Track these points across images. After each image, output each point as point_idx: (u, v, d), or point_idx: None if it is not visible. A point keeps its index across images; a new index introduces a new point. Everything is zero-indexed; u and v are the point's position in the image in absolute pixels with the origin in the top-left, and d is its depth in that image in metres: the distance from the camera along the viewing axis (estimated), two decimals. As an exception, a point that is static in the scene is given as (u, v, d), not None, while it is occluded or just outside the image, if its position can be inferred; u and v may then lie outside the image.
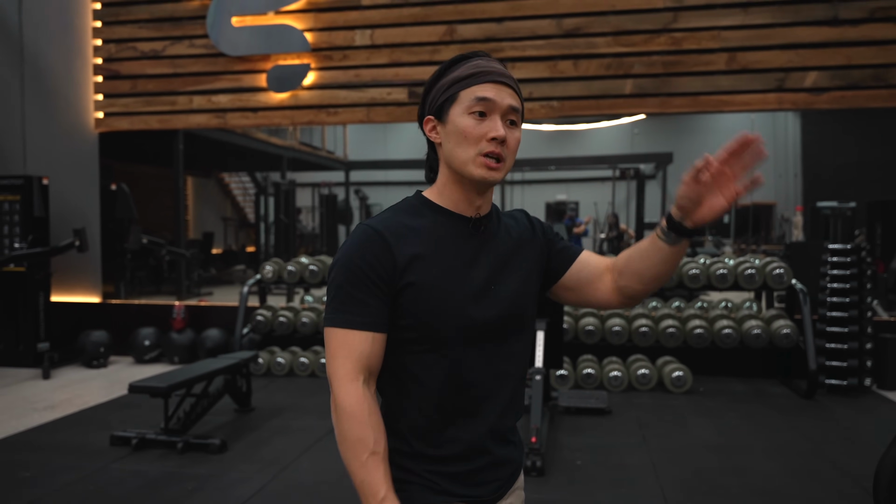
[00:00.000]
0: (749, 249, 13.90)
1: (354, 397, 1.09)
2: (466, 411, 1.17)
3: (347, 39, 6.23)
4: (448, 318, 1.13)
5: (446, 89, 1.16)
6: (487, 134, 1.12)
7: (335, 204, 14.46)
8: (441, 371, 1.14)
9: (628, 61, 5.81)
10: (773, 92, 5.65)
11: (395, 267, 1.12)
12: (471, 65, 1.16)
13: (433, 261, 1.14)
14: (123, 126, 6.74)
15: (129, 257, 7.68)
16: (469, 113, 1.13)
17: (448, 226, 1.18)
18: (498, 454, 1.20)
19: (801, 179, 15.33)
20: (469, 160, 1.13)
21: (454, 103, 1.15)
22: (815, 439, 4.09)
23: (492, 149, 1.12)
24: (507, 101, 1.14)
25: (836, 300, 5.21)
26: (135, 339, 6.37)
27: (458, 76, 1.15)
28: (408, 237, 1.14)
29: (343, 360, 1.11)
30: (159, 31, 6.57)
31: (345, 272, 1.12)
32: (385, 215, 1.18)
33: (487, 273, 1.18)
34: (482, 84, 1.13)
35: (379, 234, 1.13)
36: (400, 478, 1.16)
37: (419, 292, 1.12)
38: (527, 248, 1.26)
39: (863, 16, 5.43)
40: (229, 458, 3.79)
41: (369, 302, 1.11)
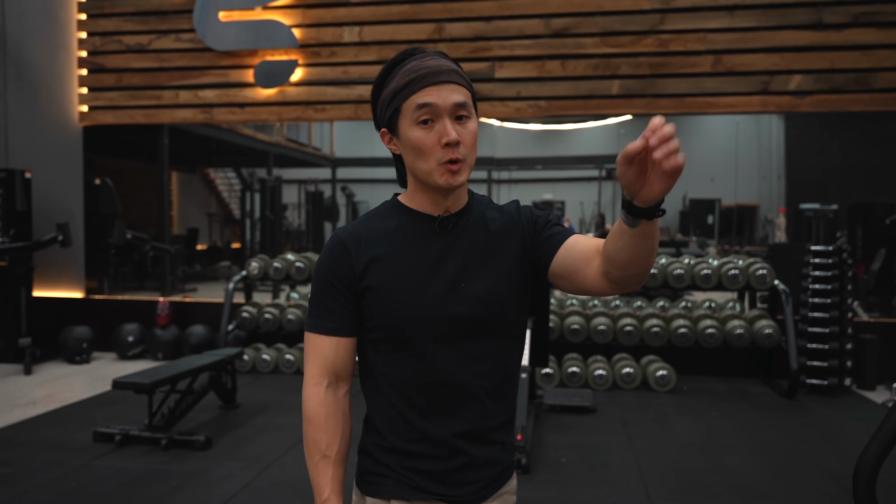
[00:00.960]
0: (733, 250, 14.03)
1: (314, 401, 1.18)
2: (440, 410, 1.16)
3: (335, 36, 6.21)
4: (408, 318, 1.13)
5: (389, 102, 1.14)
6: (440, 140, 1.09)
7: (321, 201, 14.41)
8: (410, 369, 1.15)
9: (615, 62, 5.85)
10: (758, 94, 5.71)
11: (354, 272, 1.15)
12: (405, 70, 1.12)
13: (393, 262, 1.15)
14: (108, 120, 6.67)
15: (112, 253, 7.60)
16: (416, 124, 1.10)
17: (413, 226, 1.18)
18: (476, 455, 1.18)
19: (784, 181, 15.50)
20: (431, 171, 1.12)
21: (400, 116, 1.12)
22: (795, 438, 4.15)
23: (449, 155, 1.10)
24: (451, 100, 1.09)
25: (818, 301, 5.28)
26: (118, 335, 6.32)
27: (396, 87, 1.12)
28: (370, 241, 1.16)
29: (311, 363, 1.19)
30: (145, 24, 6.51)
31: (315, 279, 1.19)
32: (358, 221, 1.22)
33: (456, 271, 1.15)
34: (420, 91, 1.10)
35: (342, 241, 1.17)
36: (377, 471, 1.20)
37: (377, 294, 1.14)
38: (509, 242, 1.20)
39: (846, 20, 5.50)
40: (214, 454, 3.77)
41: (333, 308, 1.16)
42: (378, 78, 1.17)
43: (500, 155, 13.44)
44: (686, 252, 10.08)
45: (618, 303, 6.14)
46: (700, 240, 14.52)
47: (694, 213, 15.72)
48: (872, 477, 1.05)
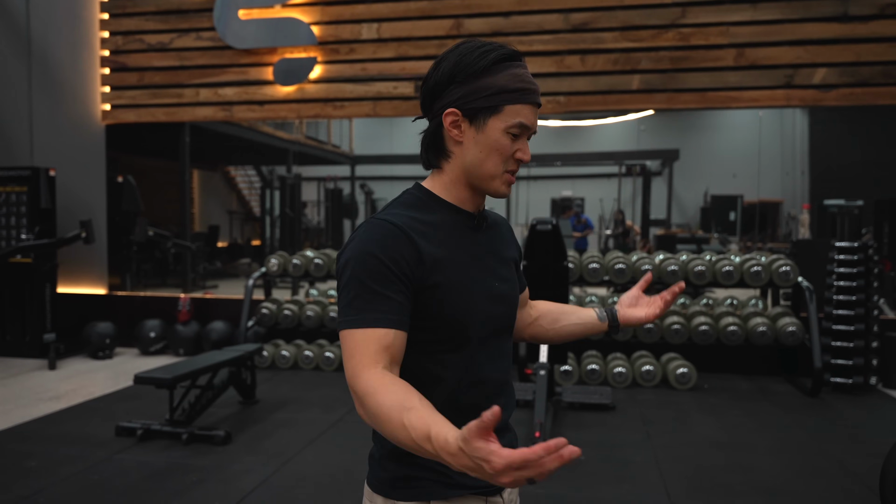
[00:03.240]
0: (755, 247, 13.84)
1: (373, 377, 1.00)
2: (479, 407, 1.12)
3: (354, 33, 6.22)
4: (473, 318, 1.13)
5: (489, 96, 1.10)
6: (516, 154, 1.14)
7: (340, 198, 14.47)
8: (459, 370, 1.13)
9: (636, 56, 5.79)
10: (782, 88, 5.62)
11: (422, 264, 1.07)
12: (515, 74, 1.11)
13: (453, 259, 1.13)
14: (130, 118, 6.75)
15: (135, 249, 7.70)
16: (506, 132, 1.12)
17: (457, 222, 1.17)
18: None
19: (808, 177, 15.25)
20: (496, 175, 1.14)
21: (495, 114, 1.11)
22: (819, 437, 4.08)
23: (515, 167, 1.16)
24: (536, 127, 1.16)
25: (843, 298, 5.19)
26: (140, 331, 6.39)
27: (505, 87, 1.10)
28: (426, 234, 1.11)
29: (359, 355, 1.02)
30: (166, 23, 6.57)
31: (365, 267, 1.05)
32: (395, 210, 1.13)
33: (491, 270, 1.20)
34: (526, 105, 1.12)
35: (400, 228, 1.08)
36: (412, 475, 1.15)
37: (447, 292, 1.09)
38: (512, 249, 1.30)
39: (873, 12, 5.39)
40: (233, 449, 3.80)
41: (394, 298, 1.04)
42: (475, 60, 1.11)
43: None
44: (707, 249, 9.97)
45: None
46: (722, 236, 14.35)
47: (716, 209, 15.55)
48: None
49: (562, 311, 1.42)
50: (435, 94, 1.15)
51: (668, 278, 5.43)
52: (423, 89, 1.18)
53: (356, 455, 3.71)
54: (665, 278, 5.45)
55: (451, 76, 1.13)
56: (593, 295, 6.06)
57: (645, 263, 5.45)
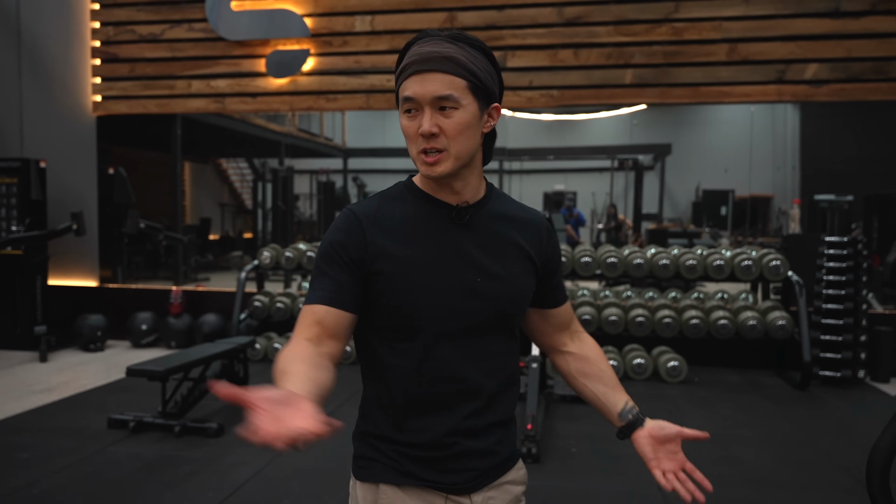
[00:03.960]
0: (746, 241, 13.92)
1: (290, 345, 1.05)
2: (437, 404, 1.14)
3: (347, 25, 6.20)
4: (420, 309, 1.10)
5: (396, 87, 1.14)
6: (419, 130, 1.09)
7: (333, 191, 14.43)
8: (414, 361, 1.12)
9: (629, 51, 5.80)
10: (774, 84, 5.65)
11: (366, 251, 1.11)
12: (406, 55, 1.11)
13: (407, 249, 1.11)
14: (122, 110, 6.71)
15: (126, 242, 7.66)
16: (403, 112, 1.11)
17: (429, 213, 1.15)
18: (470, 445, 1.16)
19: (798, 172, 15.34)
20: (416, 157, 1.12)
21: (398, 102, 1.13)
22: (808, 430, 4.13)
23: (426, 145, 1.09)
24: (431, 91, 1.06)
25: (832, 292, 5.24)
26: (132, 324, 6.37)
27: (398, 72, 1.13)
28: (385, 224, 1.13)
29: (297, 327, 1.10)
30: (158, 14, 6.53)
31: (322, 252, 1.13)
32: (370, 200, 1.17)
33: (470, 265, 1.14)
34: (408, 79, 1.09)
35: (356, 217, 1.13)
36: (369, 455, 1.18)
37: (389, 280, 1.10)
38: (528, 247, 1.20)
39: (864, 8, 5.42)
40: (226, 441, 3.80)
41: (339, 279, 1.10)
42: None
43: (511, 145, 13.41)
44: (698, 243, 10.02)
45: (629, 293, 6.12)
46: (713, 231, 14.42)
47: (707, 204, 15.61)
48: (886, 467, 1.04)
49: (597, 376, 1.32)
50: None
51: (659, 272, 5.47)
52: None
53: (349, 447, 3.71)
54: (657, 272, 5.48)
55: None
56: (585, 289, 6.08)
57: (637, 257, 5.48)
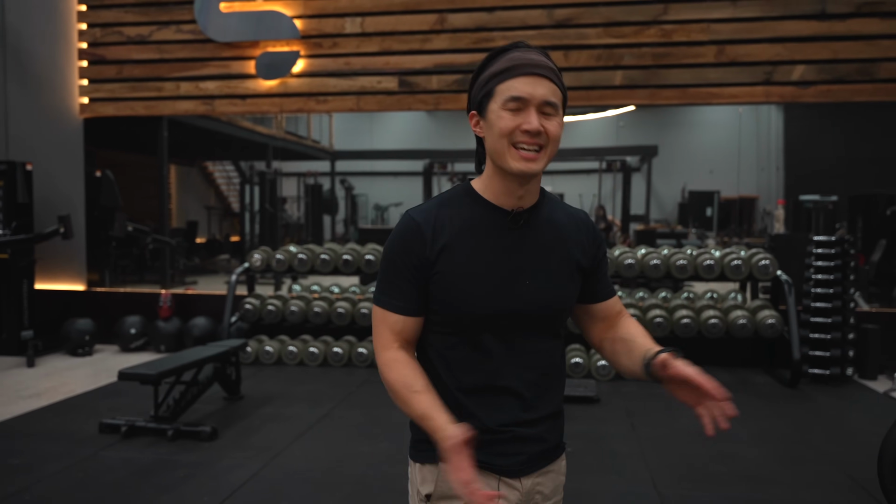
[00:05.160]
0: (732, 242, 14.04)
1: (388, 356, 1.23)
2: (487, 399, 1.22)
3: (337, 27, 6.19)
4: (468, 308, 1.19)
5: (484, 84, 1.19)
6: (521, 126, 1.15)
7: (320, 194, 14.39)
8: (462, 353, 1.22)
9: (618, 52, 5.84)
10: (761, 85, 5.71)
11: (427, 256, 1.20)
12: (507, 58, 1.18)
13: (462, 252, 1.20)
14: (109, 112, 6.65)
15: (113, 245, 7.60)
16: (504, 109, 1.16)
17: (485, 218, 1.22)
18: (520, 432, 1.24)
19: (783, 173, 15.50)
20: (504, 151, 1.17)
21: (491, 99, 1.18)
22: (799, 427, 4.17)
23: (525, 140, 1.15)
24: (541, 94, 1.15)
25: (821, 291, 5.29)
26: (120, 328, 6.31)
27: (495, 71, 1.18)
28: (444, 227, 1.20)
29: (380, 334, 1.26)
30: (146, 15, 6.48)
31: (386, 258, 1.24)
32: (429, 204, 1.25)
33: (523, 266, 1.22)
34: (516, 78, 1.15)
35: (417, 224, 1.21)
36: (425, 438, 1.22)
37: (444, 280, 1.19)
38: (573, 249, 1.27)
39: (850, 10, 5.50)
40: (220, 445, 3.78)
41: (403, 287, 1.22)
42: (481, 63, 1.23)
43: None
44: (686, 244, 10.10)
45: (621, 294, 6.15)
46: (699, 231, 14.53)
47: (693, 205, 15.74)
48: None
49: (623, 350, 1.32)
50: (468, 106, 1.27)
51: (650, 272, 5.50)
52: None
53: (345, 449, 3.71)
54: (648, 272, 5.51)
55: (470, 85, 1.26)
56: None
57: (628, 258, 5.51)
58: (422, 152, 15.22)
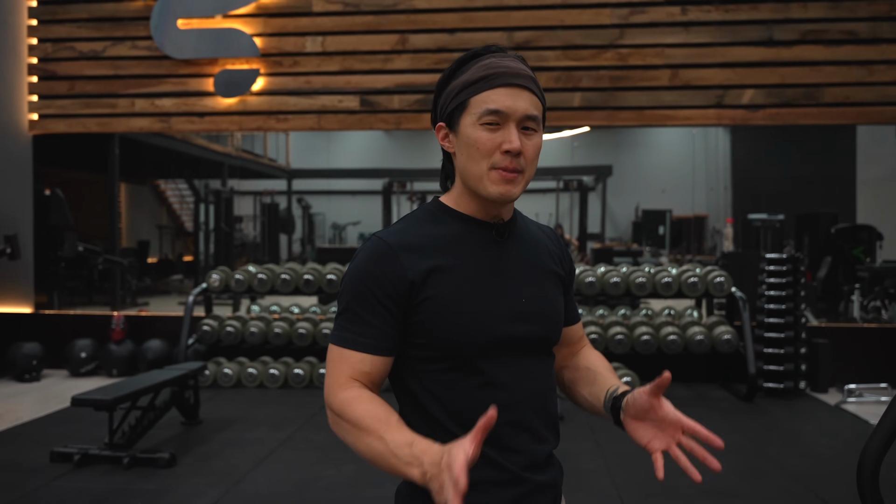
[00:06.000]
0: (684, 260, 14.40)
1: (351, 393, 1.02)
2: (500, 437, 1.05)
3: (298, 46, 6.17)
4: (473, 335, 1.04)
5: (455, 95, 1.06)
6: (501, 146, 1.02)
7: (277, 213, 14.22)
8: (466, 391, 1.05)
9: (577, 75, 5.96)
10: (713, 108, 5.90)
11: (407, 282, 1.03)
12: (481, 65, 1.05)
13: (454, 272, 1.05)
14: (60, 129, 6.46)
15: (63, 266, 7.34)
16: (480, 124, 1.03)
17: (469, 233, 1.09)
18: (537, 481, 1.09)
19: (731, 192, 16.01)
20: (482, 175, 1.04)
21: (464, 112, 1.05)
22: (756, 440, 4.27)
23: (506, 163, 1.03)
24: (522, 108, 1.03)
25: (773, 307, 5.46)
26: (70, 351, 6.08)
27: (469, 79, 1.04)
28: (424, 248, 1.06)
29: (338, 374, 1.05)
30: (99, 31, 6.34)
31: (352, 289, 1.06)
32: (400, 225, 1.11)
33: (515, 284, 1.10)
34: (494, 89, 1.02)
35: (389, 247, 1.05)
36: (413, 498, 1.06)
37: (438, 306, 1.04)
38: (554, 265, 1.18)
39: (795, 37, 5.74)
40: (179, 472, 3.66)
41: (374, 323, 1.04)
42: (449, 69, 1.09)
43: (458, 166, 13.51)
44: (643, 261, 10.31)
45: (582, 311, 6.23)
46: (652, 250, 14.85)
47: (646, 223, 16.09)
48: (876, 468, 1.09)
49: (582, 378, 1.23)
50: (432, 117, 1.14)
51: (610, 289, 5.59)
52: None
53: (308, 473, 3.64)
54: (608, 290, 5.59)
55: (436, 92, 1.12)
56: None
57: (589, 275, 5.59)
58: (381, 171, 15.21)
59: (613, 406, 1.11)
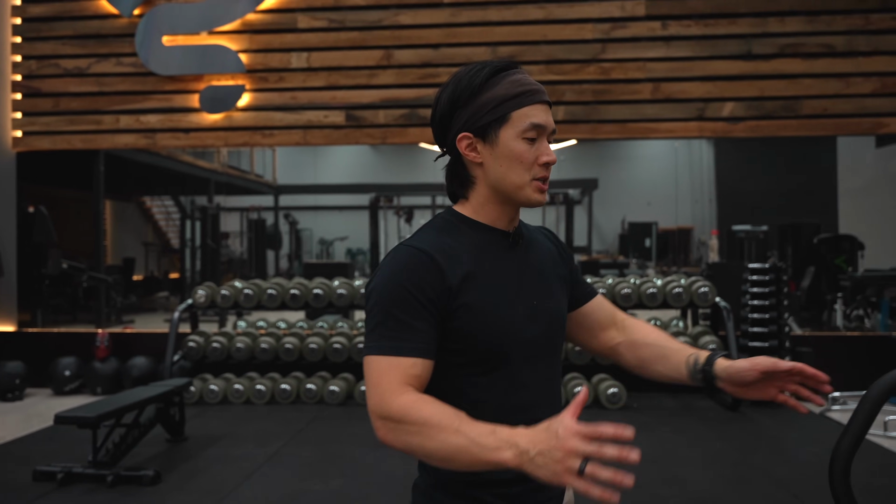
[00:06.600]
0: (671, 271, 14.49)
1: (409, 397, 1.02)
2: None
3: (283, 62, 6.20)
4: (508, 337, 1.10)
5: (494, 107, 1.11)
6: (540, 158, 1.12)
7: (264, 229, 14.19)
8: (501, 392, 1.12)
9: (560, 89, 6.03)
10: (695, 121, 5.98)
11: (448, 288, 1.07)
12: (513, 81, 1.12)
13: (484, 279, 1.11)
14: (45, 146, 6.43)
15: (47, 283, 7.29)
16: (521, 138, 1.11)
17: (490, 242, 1.16)
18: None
19: (715, 205, 16.18)
20: (524, 184, 1.12)
21: (504, 124, 1.11)
22: (742, 448, 4.29)
23: (545, 174, 1.13)
24: (552, 124, 1.14)
25: (757, 316, 5.51)
26: (54, 370, 6.01)
27: (505, 95, 1.11)
28: (454, 256, 1.10)
29: (388, 382, 1.03)
30: (84, 48, 6.34)
31: (389, 296, 1.07)
32: (424, 234, 1.14)
33: (530, 288, 1.17)
34: (533, 105, 1.11)
35: (427, 254, 1.08)
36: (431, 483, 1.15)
37: (475, 313, 1.09)
38: (559, 266, 1.25)
39: (774, 51, 5.85)
40: (164, 489, 3.63)
41: (418, 327, 1.06)
42: (470, 80, 1.14)
43: (444, 181, 13.58)
44: (629, 273, 10.38)
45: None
46: (639, 262, 14.95)
47: (632, 236, 16.21)
48: (847, 466, 1.11)
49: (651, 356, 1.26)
50: (443, 126, 1.17)
51: (596, 301, 5.61)
52: (432, 125, 1.20)
53: (296, 488, 3.62)
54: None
55: (453, 103, 1.15)
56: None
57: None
58: (367, 186, 15.23)
59: (705, 377, 1.19)
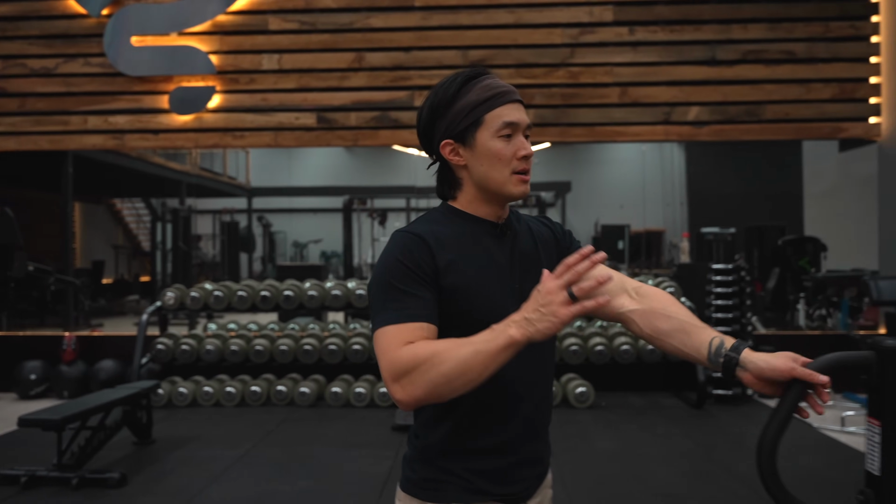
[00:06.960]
0: (643, 273, 14.67)
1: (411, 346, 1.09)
2: (502, 408, 1.22)
3: (254, 63, 6.19)
4: (487, 318, 1.14)
5: (468, 113, 1.21)
6: (517, 153, 1.21)
7: (237, 231, 14.10)
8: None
9: (530, 92, 6.10)
10: (661, 125, 6.09)
11: (436, 268, 1.17)
12: (484, 86, 1.22)
13: (471, 264, 1.20)
14: (10, 146, 6.34)
15: (12, 286, 7.16)
16: (498, 136, 1.21)
17: (478, 231, 1.25)
18: (527, 451, 1.26)
19: (686, 207, 16.42)
20: (506, 180, 1.22)
21: (480, 127, 1.21)
22: (706, 445, 4.39)
23: (524, 166, 1.22)
24: (525, 119, 1.23)
25: (721, 316, 5.63)
26: (19, 373, 5.93)
27: (477, 100, 1.21)
28: (443, 242, 1.20)
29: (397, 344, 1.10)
30: (51, 48, 6.27)
31: (392, 272, 1.16)
32: (418, 223, 1.24)
33: (517, 273, 1.25)
34: (504, 106, 1.21)
35: (419, 236, 1.19)
36: (437, 477, 1.22)
37: (458, 294, 1.18)
38: (549, 251, 1.33)
39: (737, 57, 5.99)
40: (130, 492, 3.61)
41: (424, 295, 1.15)
42: (445, 90, 1.23)
43: (420, 184, 13.61)
44: (599, 275, 10.49)
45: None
46: (612, 263, 15.09)
47: (606, 238, 16.37)
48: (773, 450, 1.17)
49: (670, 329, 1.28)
50: (427, 135, 1.28)
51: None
52: (418, 135, 1.31)
53: (263, 489, 3.62)
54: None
55: (433, 113, 1.26)
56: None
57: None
58: (341, 189, 15.20)
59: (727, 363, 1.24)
